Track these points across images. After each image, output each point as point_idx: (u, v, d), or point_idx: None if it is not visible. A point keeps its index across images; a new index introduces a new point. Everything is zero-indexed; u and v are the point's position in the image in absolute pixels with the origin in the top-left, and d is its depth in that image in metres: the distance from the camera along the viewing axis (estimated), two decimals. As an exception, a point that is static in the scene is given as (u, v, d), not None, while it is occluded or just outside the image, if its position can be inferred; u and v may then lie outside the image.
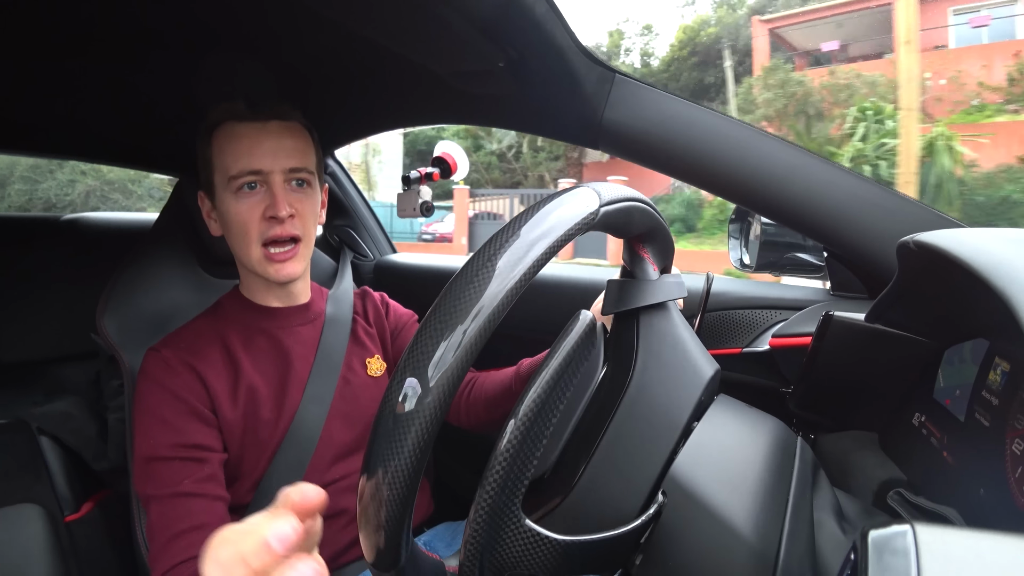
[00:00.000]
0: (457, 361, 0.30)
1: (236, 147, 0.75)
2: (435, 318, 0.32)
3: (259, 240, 0.76)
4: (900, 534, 0.25)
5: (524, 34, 0.68)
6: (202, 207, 0.84)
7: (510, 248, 0.34)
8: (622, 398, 0.46)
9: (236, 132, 0.76)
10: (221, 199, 0.77)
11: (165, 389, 0.73)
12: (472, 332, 0.31)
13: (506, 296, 0.32)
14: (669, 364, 0.48)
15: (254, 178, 0.75)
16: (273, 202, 0.75)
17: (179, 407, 0.72)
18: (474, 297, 0.32)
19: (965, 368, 0.52)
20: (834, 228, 0.75)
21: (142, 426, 0.71)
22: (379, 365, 0.91)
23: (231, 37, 0.89)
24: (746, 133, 0.75)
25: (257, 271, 0.78)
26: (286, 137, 0.78)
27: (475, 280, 0.32)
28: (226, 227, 0.79)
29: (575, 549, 0.36)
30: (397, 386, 0.31)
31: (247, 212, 0.75)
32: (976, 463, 0.47)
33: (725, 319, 0.94)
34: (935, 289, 0.53)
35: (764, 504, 0.40)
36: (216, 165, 0.77)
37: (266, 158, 0.75)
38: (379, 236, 1.61)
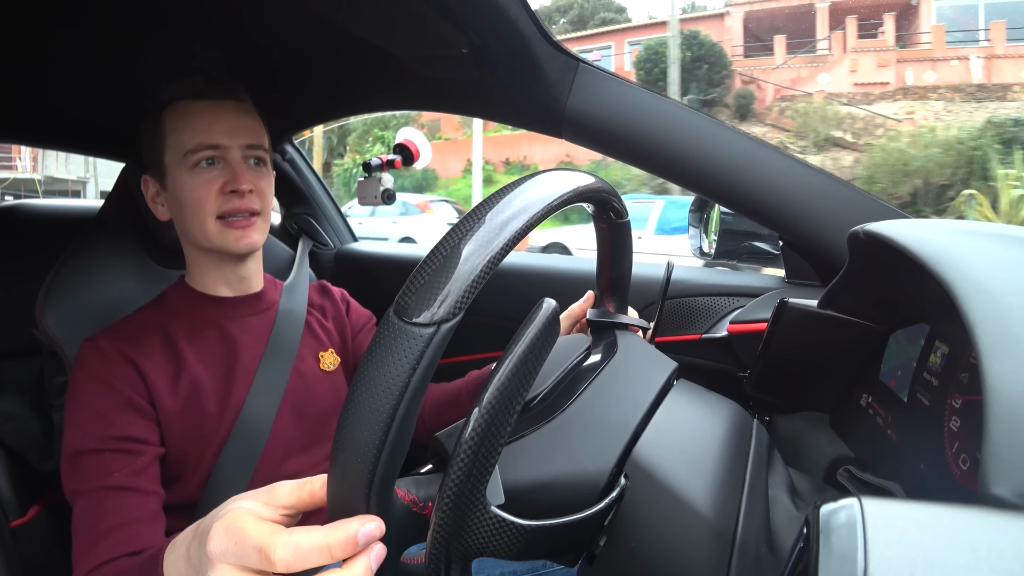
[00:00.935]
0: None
1: (194, 123, 0.73)
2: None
3: (215, 213, 0.74)
4: (848, 507, 0.26)
5: (487, 19, 0.68)
6: (145, 192, 0.80)
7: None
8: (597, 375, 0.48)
9: (193, 108, 0.74)
10: (174, 177, 0.75)
11: (98, 379, 0.69)
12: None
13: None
14: (642, 355, 0.53)
15: (212, 153, 0.74)
16: (233, 176, 0.74)
17: (112, 398, 0.69)
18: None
19: (908, 351, 0.55)
20: (789, 217, 0.77)
21: (72, 418, 0.68)
22: (333, 360, 0.89)
23: (181, 15, 0.85)
24: (706, 124, 0.77)
25: (215, 243, 0.75)
26: (242, 115, 0.77)
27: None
28: (178, 205, 0.76)
29: (540, 533, 0.36)
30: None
31: (203, 187, 0.73)
32: (917, 440, 0.49)
33: (685, 306, 0.97)
34: (882, 276, 0.55)
35: (722, 483, 0.41)
36: (169, 142, 0.74)
37: (224, 135, 0.74)
38: (339, 224, 1.58)
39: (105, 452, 0.66)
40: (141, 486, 0.66)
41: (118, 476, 0.65)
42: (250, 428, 0.76)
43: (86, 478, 0.65)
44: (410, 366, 0.31)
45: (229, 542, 0.34)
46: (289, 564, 0.32)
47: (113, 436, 0.67)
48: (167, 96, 0.75)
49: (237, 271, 0.82)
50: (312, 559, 0.32)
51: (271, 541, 0.33)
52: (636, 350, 0.54)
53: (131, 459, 0.67)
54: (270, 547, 0.32)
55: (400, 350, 0.31)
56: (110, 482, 0.64)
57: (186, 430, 0.73)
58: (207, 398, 0.75)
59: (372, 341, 0.32)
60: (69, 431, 0.68)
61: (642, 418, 0.44)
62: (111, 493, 0.64)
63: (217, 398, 0.75)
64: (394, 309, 0.32)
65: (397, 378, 0.30)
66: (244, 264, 0.82)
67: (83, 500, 0.64)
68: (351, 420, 0.31)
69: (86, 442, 0.66)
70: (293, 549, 0.32)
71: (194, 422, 0.73)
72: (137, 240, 0.97)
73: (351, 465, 0.31)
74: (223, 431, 0.75)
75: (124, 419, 0.68)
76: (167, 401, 0.72)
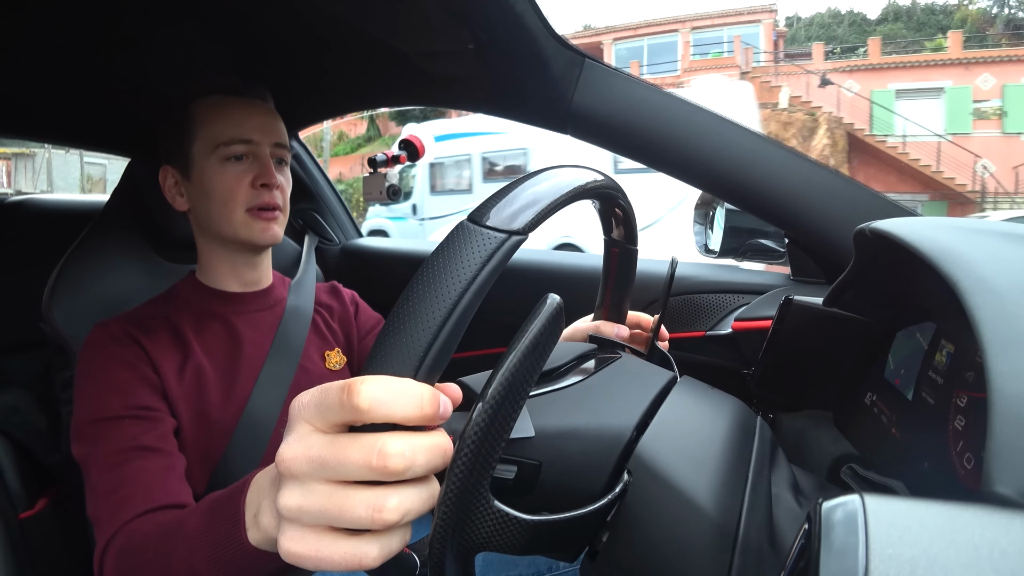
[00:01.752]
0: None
1: (227, 117, 0.76)
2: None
3: (245, 205, 0.76)
4: (849, 504, 0.26)
5: (493, 15, 0.68)
6: (163, 182, 0.81)
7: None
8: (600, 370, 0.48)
9: (226, 103, 0.77)
10: (201, 168, 0.76)
11: (113, 356, 0.70)
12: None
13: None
14: (643, 363, 0.54)
15: (244, 148, 0.76)
16: (264, 170, 0.76)
17: (128, 372, 0.69)
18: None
19: (914, 349, 0.54)
20: (794, 214, 0.77)
21: (87, 391, 0.68)
22: (339, 359, 0.90)
23: (187, 12, 0.85)
24: (711, 120, 0.77)
25: (240, 234, 0.77)
26: (271, 116, 0.80)
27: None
28: (204, 195, 0.77)
29: (543, 528, 0.36)
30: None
31: (233, 179, 0.76)
32: (921, 439, 0.49)
33: (689, 303, 0.96)
34: (888, 274, 0.55)
35: (725, 480, 0.41)
36: (199, 134, 0.76)
37: (256, 131, 0.77)
38: (344, 220, 1.58)
39: (126, 418, 0.66)
40: (167, 448, 0.66)
41: (144, 438, 0.65)
42: (256, 421, 0.77)
43: (108, 440, 0.64)
44: (481, 261, 0.32)
45: (316, 393, 0.31)
46: (378, 401, 0.28)
47: (132, 405, 0.67)
48: (198, 89, 0.77)
49: (250, 265, 0.83)
50: (401, 403, 0.29)
51: (360, 379, 0.29)
52: (638, 360, 0.55)
53: (153, 425, 0.67)
54: (356, 381, 0.29)
55: (472, 247, 0.32)
56: (136, 443, 0.64)
57: (192, 414, 0.73)
58: (211, 389, 0.75)
59: (442, 242, 0.33)
60: (84, 403, 0.67)
61: (645, 412, 0.45)
62: (139, 453, 0.63)
63: (221, 389, 0.76)
64: (468, 217, 0.34)
65: (466, 271, 0.31)
66: (258, 258, 0.84)
67: (106, 462, 0.63)
68: (412, 301, 0.31)
69: (105, 410, 0.66)
70: (383, 386, 0.29)
71: (198, 410, 0.74)
72: (143, 235, 0.98)
73: (404, 344, 0.30)
74: (227, 422, 0.75)
75: (140, 391, 0.69)
76: (174, 386, 0.73)
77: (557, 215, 0.39)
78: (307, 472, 0.30)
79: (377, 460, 0.28)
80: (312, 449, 0.29)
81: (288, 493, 0.30)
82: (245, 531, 0.40)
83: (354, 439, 0.29)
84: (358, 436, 0.30)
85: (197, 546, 0.45)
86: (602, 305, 0.68)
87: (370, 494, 0.29)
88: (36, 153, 16.14)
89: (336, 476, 0.29)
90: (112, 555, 0.55)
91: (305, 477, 0.30)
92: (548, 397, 0.45)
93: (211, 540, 0.43)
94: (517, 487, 0.42)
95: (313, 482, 0.30)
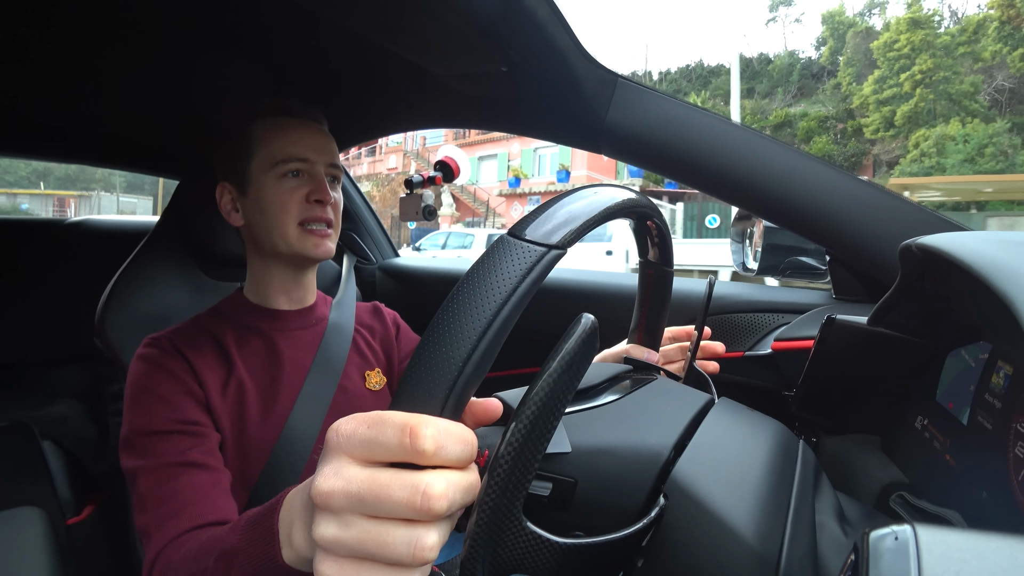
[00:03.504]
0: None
1: (286, 136, 0.80)
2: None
3: (297, 219, 0.79)
4: (900, 534, 0.25)
5: (526, 37, 0.69)
6: (219, 198, 0.84)
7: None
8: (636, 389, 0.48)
9: (284, 124, 0.81)
10: (258, 184, 0.80)
11: (161, 368, 0.73)
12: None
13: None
14: (680, 385, 0.53)
15: (300, 165, 0.80)
16: (318, 187, 0.80)
17: (175, 385, 0.72)
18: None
19: (968, 371, 0.52)
20: (836, 231, 0.75)
21: (137, 402, 0.70)
22: (379, 379, 0.90)
23: (232, 39, 0.89)
24: (747, 136, 0.76)
25: (293, 248, 0.80)
26: (326, 138, 0.83)
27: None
28: (259, 210, 0.80)
29: (576, 551, 0.36)
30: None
31: (288, 194, 0.79)
32: (979, 466, 0.46)
33: (728, 322, 0.94)
34: (937, 292, 0.53)
35: (766, 507, 0.40)
36: (258, 152, 0.80)
37: (312, 150, 0.80)
38: (381, 240, 1.61)
39: (174, 433, 0.68)
40: (213, 464, 0.68)
41: (191, 453, 0.67)
42: (295, 440, 0.78)
43: (156, 454, 0.66)
44: (520, 274, 0.32)
45: (362, 424, 0.30)
46: (439, 445, 0.28)
47: (180, 419, 0.69)
48: (258, 110, 0.81)
49: (298, 281, 0.86)
50: (456, 449, 0.29)
51: (417, 420, 0.29)
52: (673, 382, 0.54)
53: (200, 440, 0.69)
54: (419, 424, 0.28)
55: (512, 259, 0.33)
56: (183, 458, 0.66)
57: (232, 433, 0.75)
58: (251, 405, 0.77)
59: (483, 255, 0.34)
60: (133, 414, 0.70)
61: (683, 432, 0.44)
62: (185, 469, 0.65)
63: (260, 406, 0.78)
64: (509, 232, 0.35)
65: (506, 283, 0.32)
66: (305, 276, 0.86)
67: (153, 475, 0.65)
68: (451, 313, 0.31)
69: (153, 423, 0.68)
70: (442, 432, 0.29)
71: (239, 427, 0.76)
72: (189, 253, 1.02)
73: (440, 357, 0.31)
74: (266, 440, 0.77)
75: (188, 405, 0.71)
76: (217, 401, 0.75)
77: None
78: (345, 507, 0.29)
79: (422, 502, 0.28)
80: (351, 484, 0.29)
81: (324, 525, 0.30)
82: (280, 549, 0.40)
83: (396, 477, 0.29)
84: (399, 474, 0.29)
85: (234, 563, 0.46)
86: (637, 328, 0.67)
87: (409, 532, 0.29)
88: (91, 195, 26.59)
89: (375, 513, 0.29)
90: (159, 570, 0.57)
91: (342, 512, 0.29)
92: (584, 415, 0.44)
93: (248, 557, 0.44)
94: (552, 504, 0.41)
95: (350, 515, 0.29)
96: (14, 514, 0.98)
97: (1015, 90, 22.42)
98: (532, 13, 0.65)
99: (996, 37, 22.07)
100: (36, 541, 0.96)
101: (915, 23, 22.55)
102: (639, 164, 0.83)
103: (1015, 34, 21.88)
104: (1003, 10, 21.79)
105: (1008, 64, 22.13)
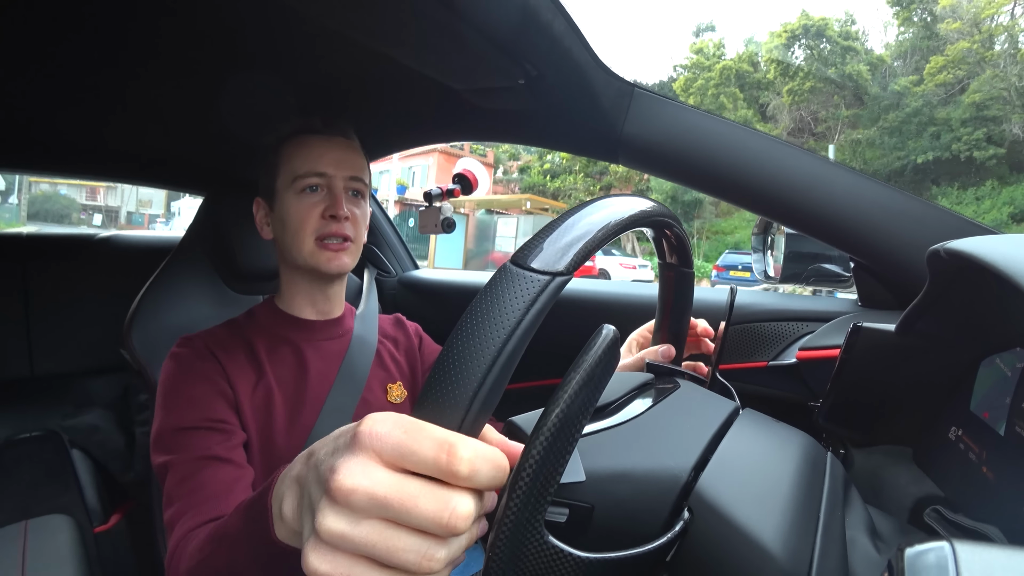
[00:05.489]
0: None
1: (306, 153, 0.82)
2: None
3: (313, 235, 0.81)
4: (938, 550, 0.24)
5: (543, 51, 0.69)
6: (256, 213, 0.88)
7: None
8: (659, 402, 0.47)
9: (307, 141, 0.83)
10: (282, 199, 0.83)
11: (192, 370, 0.75)
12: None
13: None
14: (704, 392, 0.52)
15: (318, 180, 0.82)
16: (334, 202, 0.81)
17: (206, 386, 0.74)
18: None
19: (1003, 379, 0.50)
20: (860, 237, 0.73)
21: (169, 401, 0.73)
22: (400, 392, 0.91)
23: (256, 57, 0.91)
24: (766, 143, 0.75)
25: (309, 262, 0.82)
26: (349, 151, 0.85)
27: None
28: (282, 225, 0.83)
29: (598, 567, 0.35)
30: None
31: (306, 210, 0.81)
32: (1018, 479, 0.45)
33: (750, 332, 0.93)
34: (968, 298, 0.51)
35: (794, 522, 0.39)
36: (282, 169, 0.83)
37: (331, 165, 0.82)
38: (401, 253, 1.63)
39: (202, 429, 0.71)
40: (237, 460, 0.71)
41: (216, 449, 0.69)
42: None
43: (184, 449, 0.69)
44: (525, 305, 0.32)
45: (397, 428, 0.29)
46: (476, 470, 0.28)
47: (209, 417, 0.72)
48: (286, 131, 0.84)
49: (325, 292, 0.88)
50: (487, 471, 0.29)
51: (457, 439, 0.28)
52: (698, 390, 0.53)
53: (226, 437, 0.72)
54: (457, 444, 0.28)
55: (517, 290, 0.32)
56: (209, 453, 0.69)
57: (258, 437, 0.77)
58: (278, 414, 0.79)
59: (486, 285, 0.33)
60: (165, 412, 0.72)
61: (703, 451, 0.43)
62: (210, 462, 0.68)
63: (286, 416, 0.79)
64: (511, 260, 0.34)
65: (511, 315, 0.31)
66: (332, 287, 0.88)
67: (180, 469, 0.67)
68: (457, 348, 0.31)
69: (181, 420, 0.71)
70: (479, 456, 0.29)
71: (264, 433, 0.77)
72: (215, 267, 1.04)
73: (448, 394, 0.30)
74: (291, 449, 0.78)
75: (217, 404, 0.74)
76: (246, 403, 0.77)
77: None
78: (365, 508, 0.28)
79: (449, 519, 0.28)
80: (379, 487, 0.28)
81: (334, 518, 0.29)
82: (273, 528, 0.39)
83: (425, 488, 0.29)
84: (429, 486, 0.29)
85: (233, 545, 0.46)
86: (660, 330, 0.67)
87: (422, 542, 0.28)
88: (117, 185, 33.37)
89: (397, 519, 0.28)
90: (176, 559, 0.59)
91: (359, 511, 0.29)
92: (600, 436, 0.43)
93: (244, 537, 0.44)
94: (569, 530, 0.41)
95: (366, 516, 0.29)
96: (44, 521, 1.00)
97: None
98: (549, 27, 0.65)
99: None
100: (64, 548, 0.98)
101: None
102: (658, 174, 0.83)
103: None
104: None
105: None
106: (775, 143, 0.75)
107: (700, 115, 0.77)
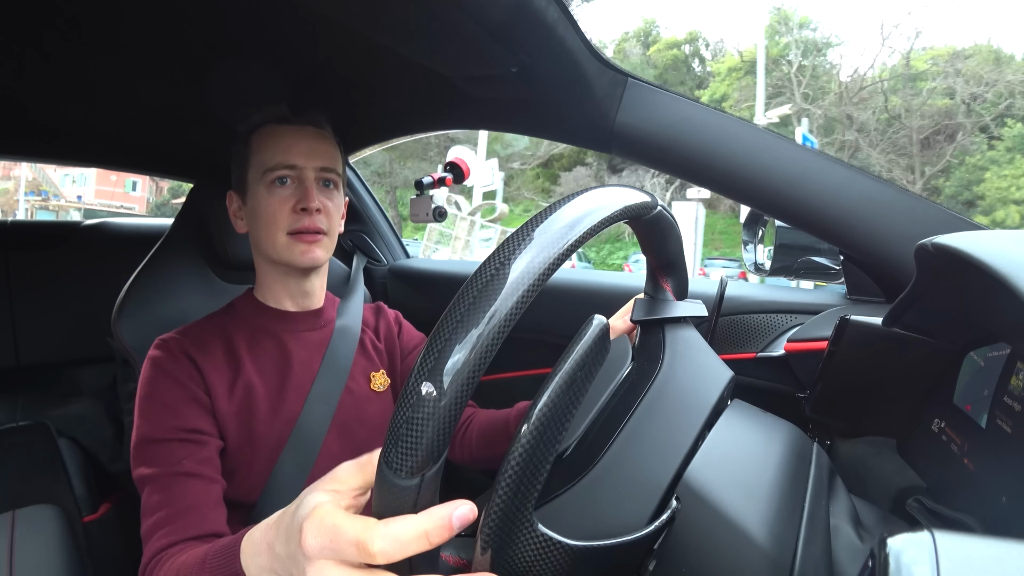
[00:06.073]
0: (473, 364, 0.30)
1: (275, 144, 0.80)
2: (449, 322, 0.32)
3: (285, 229, 0.80)
4: (919, 540, 0.24)
5: (536, 39, 0.69)
6: (229, 206, 0.87)
7: (524, 250, 0.33)
8: (646, 392, 0.47)
9: (276, 132, 0.81)
10: (253, 192, 0.81)
11: (167, 375, 0.74)
12: (487, 336, 0.31)
13: (520, 299, 0.31)
14: (693, 362, 0.51)
15: (288, 172, 0.80)
16: (305, 195, 0.80)
17: (179, 392, 0.74)
18: (488, 301, 0.31)
19: (986, 373, 0.51)
20: (850, 230, 0.74)
21: (144, 409, 0.73)
22: (383, 380, 0.91)
23: (245, 44, 0.90)
24: (758, 135, 0.75)
25: (282, 257, 0.81)
26: (320, 141, 0.83)
27: (489, 283, 0.32)
28: (254, 218, 0.81)
29: (588, 554, 0.36)
30: (412, 391, 0.31)
31: (277, 204, 0.79)
32: (998, 470, 0.46)
33: (739, 323, 0.94)
34: (954, 292, 0.52)
35: (779, 510, 0.39)
36: (253, 162, 0.81)
37: (301, 156, 0.80)
38: (393, 242, 1.62)
39: (174, 441, 0.70)
40: (206, 474, 0.70)
41: (186, 463, 0.69)
42: (306, 436, 0.79)
43: (156, 464, 0.69)
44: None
45: (324, 539, 0.34)
46: (389, 555, 0.32)
47: (180, 427, 0.71)
48: (255, 121, 0.82)
49: (302, 286, 0.86)
50: (411, 547, 0.32)
51: (368, 535, 0.32)
52: (685, 360, 0.52)
53: (197, 448, 0.71)
54: (368, 540, 0.32)
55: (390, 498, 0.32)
56: (178, 468, 0.68)
57: (239, 432, 0.77)
58: (260, 406, 0.78)
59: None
60: (140, 420, 0.72)
61: (692, 443, 0.43)
62: (179, 478, 0.68)
63: (269, 406, 0.79)
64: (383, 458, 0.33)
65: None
66: (308, 279, 0.87)
67: (152, 484, 0.68)
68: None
69: (156, 431, 0.71)
70: (391, 540, 0.32)
71: (246, 426, 0.77)
72: (203, 256, 1.03)
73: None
74: (274, 438, 0.78)
75: (190, 412, 0.73)
76: (223, 402, 0.76)
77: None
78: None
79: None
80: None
81: None
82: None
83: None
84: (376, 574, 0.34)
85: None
86: (653, 275, 0.62)
87: None
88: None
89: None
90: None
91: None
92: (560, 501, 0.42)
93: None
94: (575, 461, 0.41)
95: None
96: (32, 512, 0.99)
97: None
98: (542, 14, 0.65)
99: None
100: (53, 538, 0.98)
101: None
102: (650, 164, 0.83)
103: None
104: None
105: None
106: (768, 135, 0.75)
107: (694, 106, 0.76)
